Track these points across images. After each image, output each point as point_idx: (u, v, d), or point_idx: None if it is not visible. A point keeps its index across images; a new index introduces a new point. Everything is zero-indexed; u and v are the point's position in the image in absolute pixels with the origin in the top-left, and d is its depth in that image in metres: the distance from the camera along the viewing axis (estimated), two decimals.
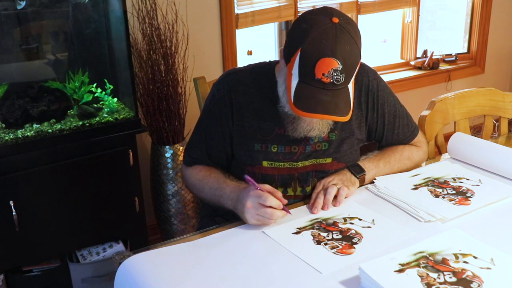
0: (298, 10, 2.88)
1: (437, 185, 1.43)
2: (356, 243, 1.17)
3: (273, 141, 1.39)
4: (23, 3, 2.02)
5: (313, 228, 1.24)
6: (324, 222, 1.27)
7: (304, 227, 1.24)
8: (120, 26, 2.06)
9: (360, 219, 1.27)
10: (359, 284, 1.01)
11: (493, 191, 1.39)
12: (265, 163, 1.41)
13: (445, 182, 1.45)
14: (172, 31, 2.29)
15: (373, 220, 1.26)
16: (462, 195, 1.38)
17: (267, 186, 1.28)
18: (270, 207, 1.23)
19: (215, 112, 1.43)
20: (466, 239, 1.13)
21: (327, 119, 1.28)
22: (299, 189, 1.43)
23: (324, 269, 1.08)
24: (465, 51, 3.83)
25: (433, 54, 3.56)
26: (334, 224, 1.25)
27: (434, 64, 3.53)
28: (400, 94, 3.43)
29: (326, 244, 1.17)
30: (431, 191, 1.40)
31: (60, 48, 2.27)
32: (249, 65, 1.48)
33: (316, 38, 1.19)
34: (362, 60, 1.37)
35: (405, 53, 3.57)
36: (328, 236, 1.20)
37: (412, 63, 3.54)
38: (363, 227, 1.23)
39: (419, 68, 3.53)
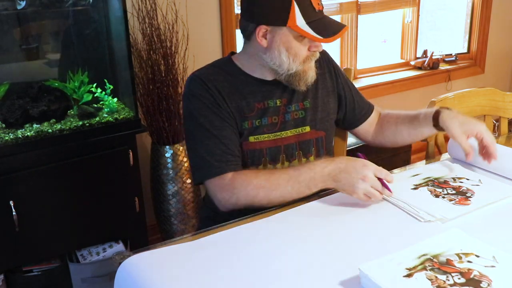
0: None
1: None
2: (470, 197, 1.33)
3: (256, 116, 1.45)
4: (23, 3, 2.02)
5: (427, 185, 1.40)
6: (436, 180, 1.43)
7: (420, 184, 1.41)
8: (120, 26, 2.06)
9: (468, 179, 1.44)
10: (360, 285, 1.01)
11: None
12: (251, 138, 1.44)
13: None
14: (172, 31, 2.29)
15: (480, 180, 1.43)
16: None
17: None
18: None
19: (208, 105, 1.41)
20: (466, 238, 1.13)
21: (345, 31, 1.42)
22: (287, 164, 1.48)
23: (430, 216, 1.24)
24: (465, 51, 3.83)
25: (433, 54, 3.56)
26: (446, 182, 1.43)
27: (434, 64, 3.53)
28: (400, 94, 3.45)
29: (443, 197, 1.34)
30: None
31: (60, 48, 2.27)
32: (205, 65, 1.54)
33: None
34: (362, 59, 1.40)
35: (405, 53, 3.57)
36: (443, 192, 1.36)
37: (412, 63, 3.54)
38: (472, 185, 1.40)
39: (419, 68, 3.53)
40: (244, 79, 1.47)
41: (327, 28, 1.37)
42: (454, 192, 1.39)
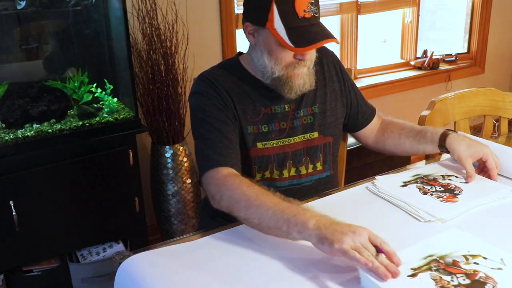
0: None
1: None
2: (458, 194, 1.35)
3: (263, 122, 1.44)
4: (23, 3, 2.02)
5: (416, 182, 1.41)
6: (425, 177, 1.44)
7: (409, 181, 1.42)
8: (120, 26, 2.06)
9: (457, 177, 1.45)
10: (360, 285, 1.01)
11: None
12: (259, 145, 1.43)
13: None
14: (172, 31, 2.29)
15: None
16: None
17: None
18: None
19: (214, 102, 1.40)
20: (473, 240, 1.12)
21: (329, 42, 1.34)
22: (293, 170, 1.47)
23: (430, 216, 1.24)
24: (465, 51, 3.83)
25: (433, 54, 3.56)
26: (435, 179, 1.43)
27: (434, 64, 3.53)
28: (400, 94, 3.45)
29: (431, 195, 1.35)
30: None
31: (60, 48, 2.27)
32: (214, 65, 1.52)
33: None
34: (362, 59, 1.38)
35: (405, 53, 3.57)
36: (432, 189, 1.38)
37: (412, 63, 3.54)
38: (461, 182, 1.42)
39: (419, 68, 3.54)
40: (252, 83, 1.45)
41: (307, 36, 1.30)
42: (442, 189, 1.40)
